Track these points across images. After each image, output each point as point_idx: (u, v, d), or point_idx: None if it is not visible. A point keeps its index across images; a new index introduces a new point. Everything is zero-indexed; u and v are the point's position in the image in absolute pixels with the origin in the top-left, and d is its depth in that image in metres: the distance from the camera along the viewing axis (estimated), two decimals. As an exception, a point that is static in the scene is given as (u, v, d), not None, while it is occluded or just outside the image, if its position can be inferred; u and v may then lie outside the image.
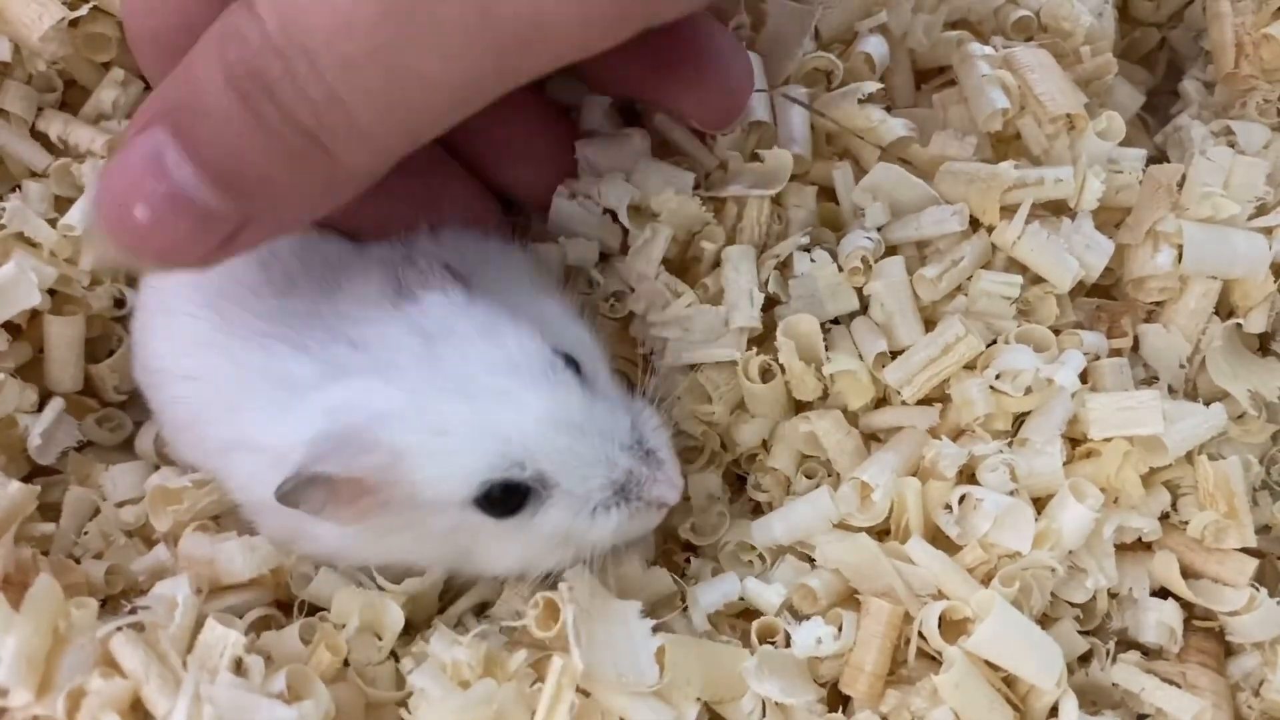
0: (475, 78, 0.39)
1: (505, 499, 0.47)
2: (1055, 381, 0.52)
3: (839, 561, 0.52)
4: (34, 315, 0.57)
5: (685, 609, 0.53)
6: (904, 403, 0.55)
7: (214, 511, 0.53)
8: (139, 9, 0.46)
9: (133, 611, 0.48)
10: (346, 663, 0.49)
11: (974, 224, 0.57)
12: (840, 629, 0.50)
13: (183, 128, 0.40)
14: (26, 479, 0.54)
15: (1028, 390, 0.52)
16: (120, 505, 0.55)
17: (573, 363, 0.49)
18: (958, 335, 0.53)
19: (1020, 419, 0.54)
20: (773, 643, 0.51)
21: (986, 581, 0.50)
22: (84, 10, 0.56)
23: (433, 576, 0.52)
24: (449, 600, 0.54)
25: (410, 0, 0.36)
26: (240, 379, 0.49)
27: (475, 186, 0.56)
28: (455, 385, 0.46)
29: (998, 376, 0.53)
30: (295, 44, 0.38)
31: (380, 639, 0.50)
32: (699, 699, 0.48)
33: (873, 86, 0.58)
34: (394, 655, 0.51)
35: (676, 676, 0.48)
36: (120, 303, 0.59)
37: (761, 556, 0.54)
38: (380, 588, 0.52)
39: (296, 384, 0.48)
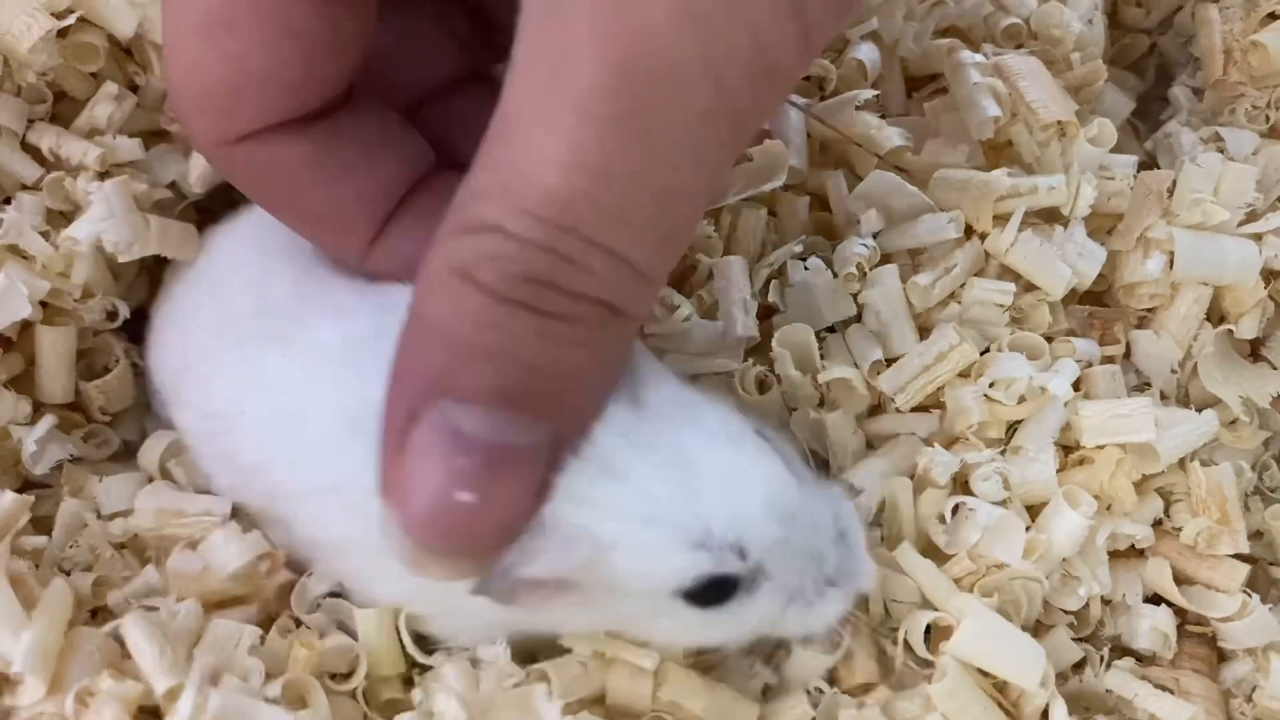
0: (721, 154, 0.37)
1: (716, 591, 0.42)
2: (1048, 390, 0.52)
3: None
4: (25, 328, 0.56)
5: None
6: (898, 410, 0.55)
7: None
8: (194, 64, 0.42)
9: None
10: (348, 676, 0.49)
11: (967, 231, 0.57)
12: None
13: (463, 383, 0.36)
14: (19, 492, 0.53)
15: (1021, 399, 0.53)
16: (110, 518, 0.55)
17: (768, 438, 0.45)
18: (951, 343, 0.53)
19: (1014, 426, 0.54)
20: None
21: (971, 592, 0.50)
22: (71, 20, 0.56)
23: None
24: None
25: (645, 107, 0.33)
26: (328, 422, 0.45)
27: None
28: (667, 466, 0.41)
29: (991, 384, 0.53)
30: (560, 227, 0.34)
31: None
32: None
33: (869, 94, 0.58)
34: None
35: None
36: (113, 315, 0.58)
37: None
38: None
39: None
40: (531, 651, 0.49)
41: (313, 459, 0.46)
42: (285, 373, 0.47)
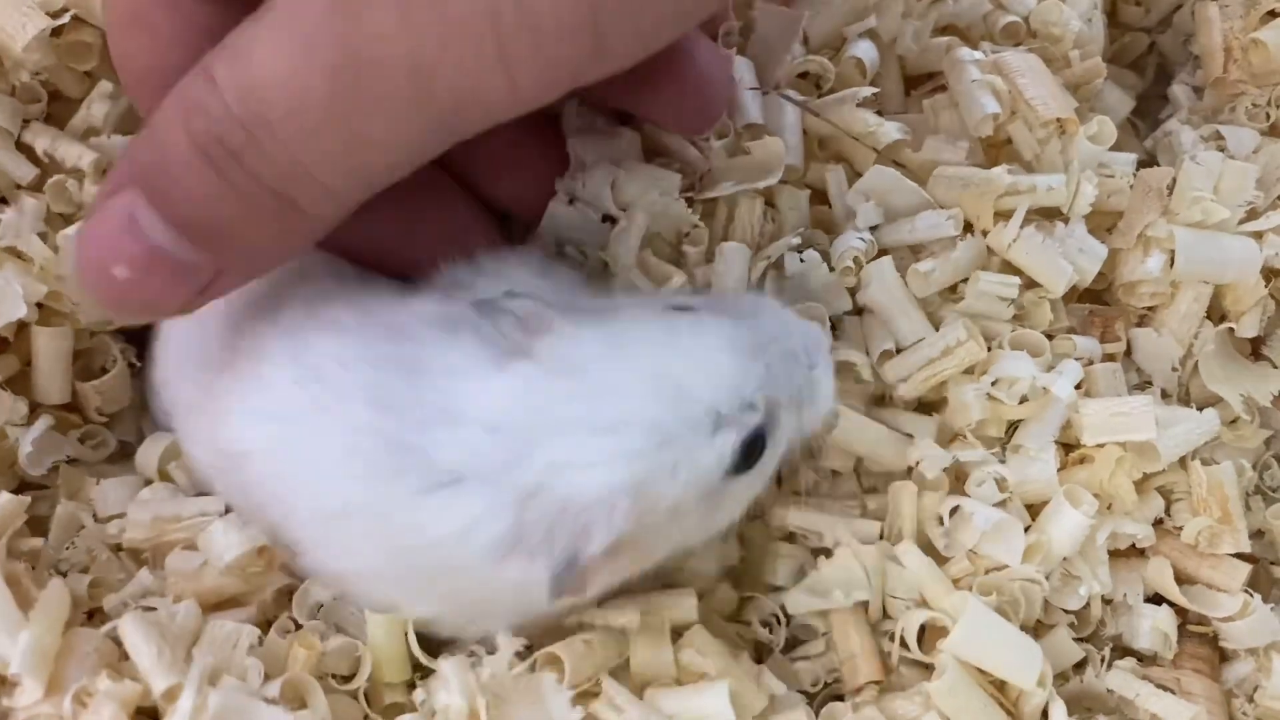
0: (420, 138, 0.42)
1: (754, 446, 0.45)
2: (1051, 391, 0.52)
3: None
4: (21, 328, 0.56)
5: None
6: (896, 399, 0.55)
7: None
8: (126, 52, 0.48)
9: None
10: (349, 677, 0.49)
11: (968, 228, 0.57)
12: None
13: (154, 189, 0.42)
14: (15, 493, 0.53)
15: (1023, 399, 0.52)
16: (107, 520, 0.55)
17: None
18: (959, 339, 0.53)
19: (1014, 425, 0.54)
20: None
21: (970, 591, 0.51)
22: (65, 19, 0.56)
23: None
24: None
25: (355, 77, 0.39)
26: (347, 448, 0.46)
27: (464, 197, 0.55)
28: (637, 395, 0.44)
29: (994, 383, 0.53)
30: (255, 116, 0.40)
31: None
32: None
33: (868, 91, 0.58)
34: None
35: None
36: (109, 321, 0.58)
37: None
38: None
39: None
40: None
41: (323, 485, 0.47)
42: (294, 399, 0.48)
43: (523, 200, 0.57)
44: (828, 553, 0.53)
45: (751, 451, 0.45)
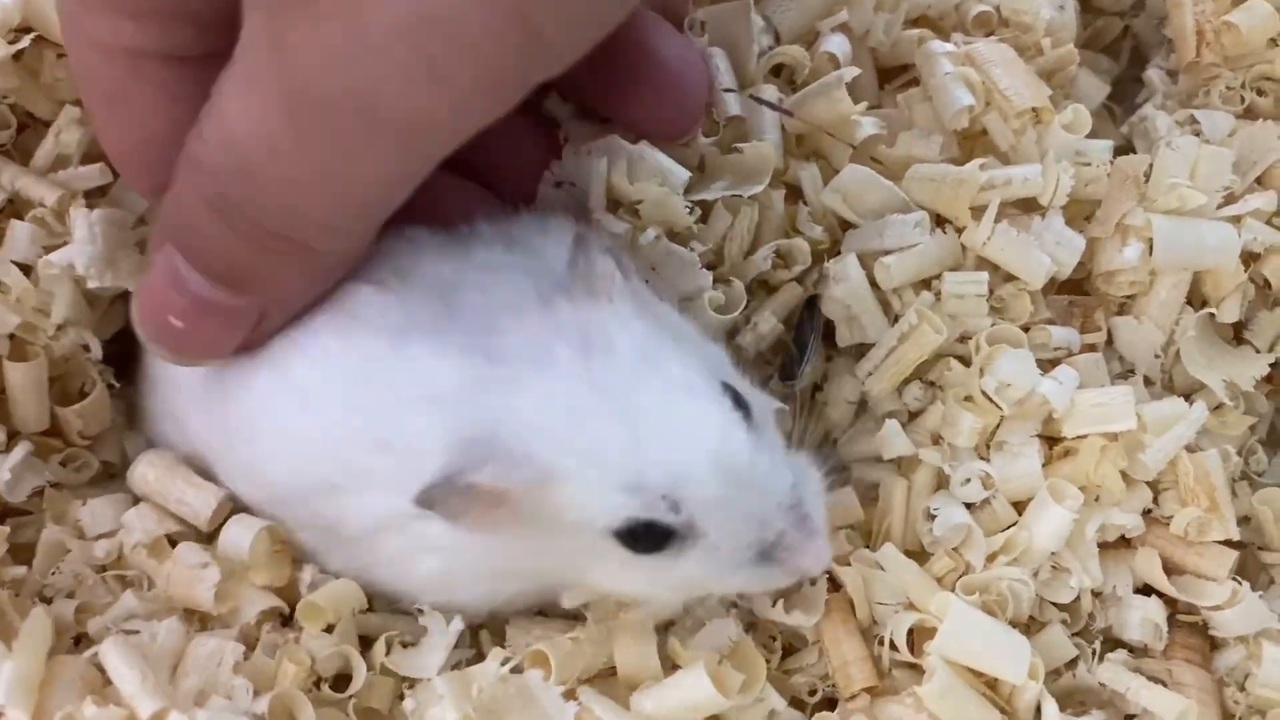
0: (392, 166, 0.42)
1: (648, 537, 0.44)
2: (1048, 401, 0.53)
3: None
4: None
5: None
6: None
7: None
8: (110, 130, 0.50)
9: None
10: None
11: (942, 222, 0.57)
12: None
13: (184, 245, 0.45)
14: (-1, 519, 0.54)
15: (1018, 403, 0.53)
16: (95, 539, 0.55)
17: (738, 400, 0.46)
18: (911, 324, 0.54)
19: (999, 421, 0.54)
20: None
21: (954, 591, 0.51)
22: (25, 43, 0.56)
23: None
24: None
25: (308, 116, 0.40)
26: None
27: (457, 178, 0.55)
28: (619, 411, 0.44)
29: (994, 387, 0.53)
30: (240, 168, 0.42)
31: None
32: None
33: (853, 71, 0.58)
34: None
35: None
36: (86, 348, 0.58)
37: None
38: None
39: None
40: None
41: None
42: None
43: (513, 179, 0.56)
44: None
45: (649, 542, 0.45)
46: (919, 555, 0.53)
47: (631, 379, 0.44)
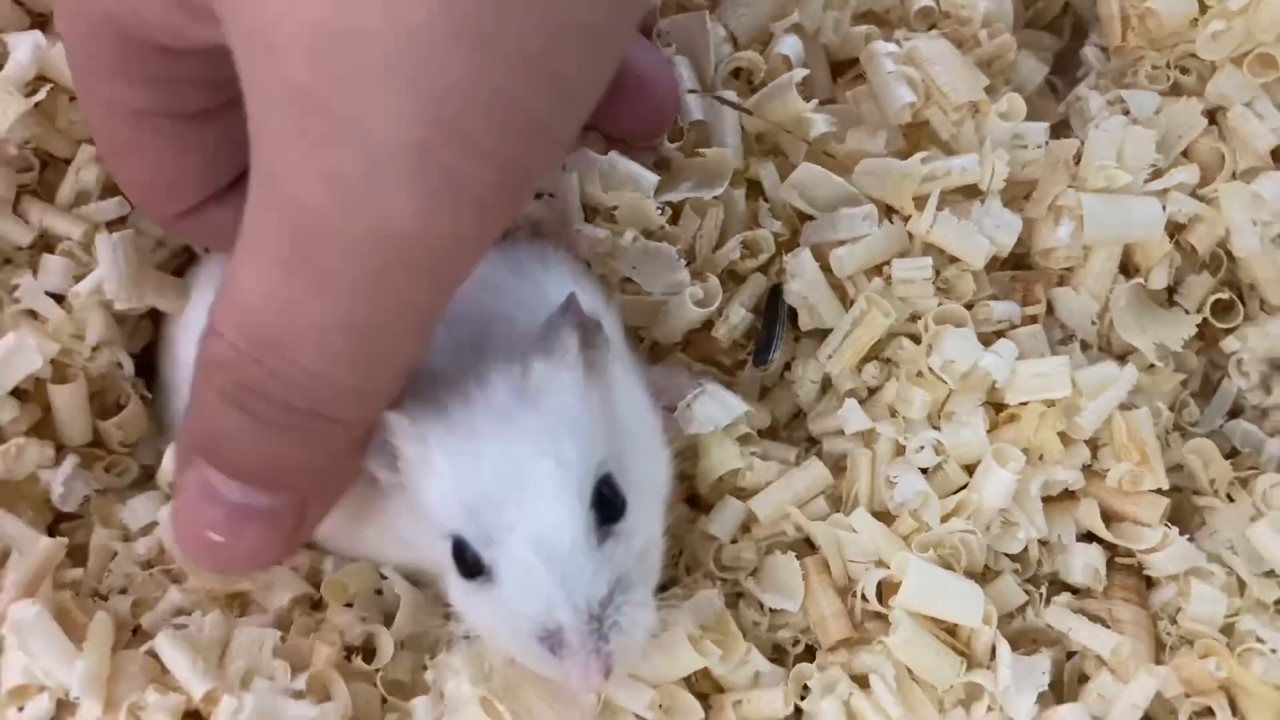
0: (419, 299, 0.40)
1: (462, 559, 0.46)
2: (990, 374, 0.56)
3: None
4: (37, 381, 0.60)
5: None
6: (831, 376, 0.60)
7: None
8: (124, 176, 0.52)
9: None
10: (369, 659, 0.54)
11: (891, 212, 0.61)
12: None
13: (211, 453, 0.44)
14: (52, 526, 0.59)
15: (963, 377, 0.57)
16: (137, 538, 0.59)
17: (609, 498, 0.46)
18: (863, 310, 0.58)
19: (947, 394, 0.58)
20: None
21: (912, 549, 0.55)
22: (43, 95, 0.58)
23: None
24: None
25: (321, 259, 0.38)
26: None
27: None
28: (507, 449, 0.45)
29: (940, 364, 0.57)
30: (260, 343, 0.40)
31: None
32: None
33: (802, 73, 0.61)
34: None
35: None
36: (120, 364, 0.62)
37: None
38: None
39: None
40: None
41: None
42: None
43: None
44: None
45: (466, 565, 0.46)
46: (885, 517, 0.57)
47: (533, 436, 0.45)
